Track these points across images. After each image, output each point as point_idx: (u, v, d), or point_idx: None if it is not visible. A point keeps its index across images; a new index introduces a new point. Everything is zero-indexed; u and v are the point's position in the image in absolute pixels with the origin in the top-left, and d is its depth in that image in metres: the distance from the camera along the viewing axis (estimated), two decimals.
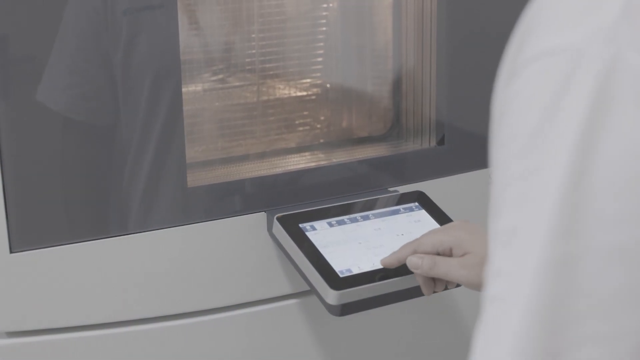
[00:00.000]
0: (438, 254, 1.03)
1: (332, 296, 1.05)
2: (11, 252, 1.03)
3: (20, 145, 1.02)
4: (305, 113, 1.29)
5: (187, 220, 1.10)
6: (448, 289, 1.07)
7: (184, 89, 1.11)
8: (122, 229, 1.07)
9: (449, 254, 1.02)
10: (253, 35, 1.22)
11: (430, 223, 1.16)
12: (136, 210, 1.08)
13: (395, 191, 1.22)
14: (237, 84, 1.24)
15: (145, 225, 1.08)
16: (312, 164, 1.22)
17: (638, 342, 0.47)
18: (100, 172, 1.06)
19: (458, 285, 1.07)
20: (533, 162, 0.50)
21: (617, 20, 0.49)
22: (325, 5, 1.29)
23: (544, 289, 0.48)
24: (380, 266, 1.08)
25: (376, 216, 1.16)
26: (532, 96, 0.50)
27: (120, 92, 1.04)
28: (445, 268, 1.01)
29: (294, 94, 1.28)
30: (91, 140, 1.05)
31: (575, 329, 0.48)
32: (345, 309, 1.07)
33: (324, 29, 1.29)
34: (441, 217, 1.17)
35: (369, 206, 1.17)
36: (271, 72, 1.26)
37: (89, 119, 1.05)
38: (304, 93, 1.29)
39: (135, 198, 1.07)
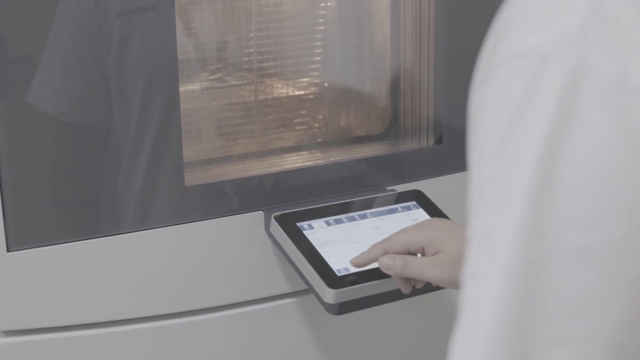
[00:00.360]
0: (410, 253, 1.01)
1: (330, 295, 1.05)
2: (8, 250, 1.03)
3: (17, 145, 1.02)
4: (303, 112, 1.29)
5: (185, 219, 1.10)
6: (430, 291, 1.07)
7: (181, 88, 1.10)
8: (119, 228, 1.07)
9: (421, 252, 1.00)
10: (251, 34, 1.22)
11: None
12: (133, 209, 1.08)
13: (393, 190, 1.22)
14: (234, 83, 1.24)
15: (142, 224, 1.08)
16: (310, 163, 1.22)
17: (607, 342, 0.48)
18: (98, 172, 1.06)
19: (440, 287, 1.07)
20: (503, 165, 0.50)
21: (583, 23, 0.49)
22: (323, 5, 1.28)
23: (513, 291, 0.49)
24: (378, 265, 1.08)
25: (374, 215, 1.16)
26: (502, 98, 0.51)
27: (114, 93, 1.04)
28: (418, 268, 0.99)
29: (291, 93, 1.28)
30: (88, 141, 1.05)
31: (544, 330, 0.48)
32: (342, 308, 1.07)
33: (322, 28, 1.29)
34: (439, 216, 1.17)
35: (367, 205, 1.17)
36: (269, 71, 1.26)
37: (83, 121, 1.04)
38: (302, 92, 1.29)
39: (133, 197, 1.07)
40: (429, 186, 1.22)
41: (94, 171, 1.06)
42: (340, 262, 1.08)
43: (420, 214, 1.17)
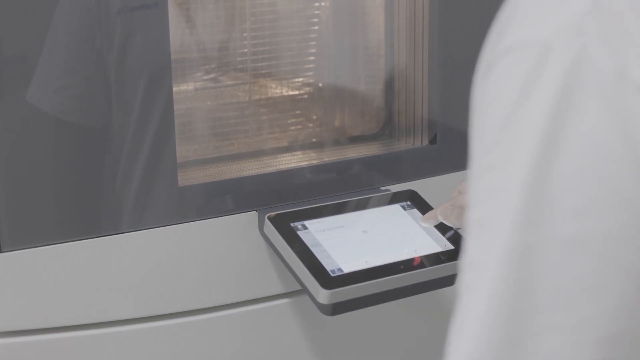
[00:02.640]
0: None
1: (324, 295, 1.05)
2: (1, 251, 1.03)
3: (11, 144, 1.01)
4: (298, 112, 1.29)
5: (178, 219, 1.10)
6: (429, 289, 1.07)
7: (175, 88, 1.10)
8: (112, 228, 1.07)
9: None
10: (245, 34, 1.22)
11: None
12: (127, 210, 1.07)
13: (388, 190, 1.21)
14: (229, 83, 1.24)
15: (136, 224, 1.08)
16: (304, 163, 1.22)
17: (600, 331, 0.48)
18: (92, 172, 1.06)
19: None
20: (501, 155, 0.51)
21: (584, 16, 0.49)
22: (317, 4, 1.28)
23: (507, 279, 0.49)
24: (372, 265, 1.08)
25: (368, 215, 1.16)
26: (502, 89, 0.51)
27: (113, 92, 1.04)
28: None
29: (286, 93, 1.28)
30: (83, 140, 1.05)
31: (537, 318, 0.49)
32: (336, 308, 1.07)
33: (316, 28, 1.29)
34: None
35: (361, 205, 1.17)
36: (263, 71, 1.25)
37: (81, 120, 1.04)
38: (296, 92, 1.29)
39: (127, 197, 1.07)
40: (423, 186, 1.22)
41: (89, 171, 1.06)
42: (334, 262, 1.08)
43: (415, 214, 1.17)
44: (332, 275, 1.06)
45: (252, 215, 1.14)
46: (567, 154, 0.48)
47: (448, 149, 1.26)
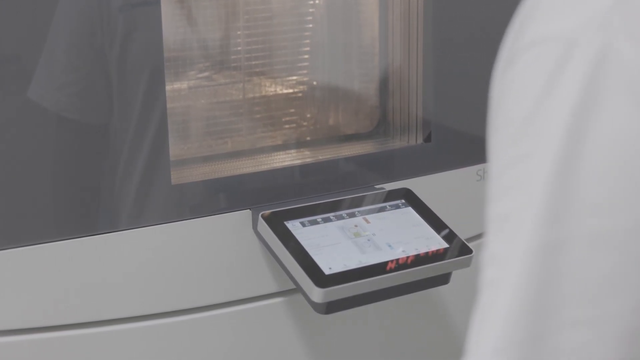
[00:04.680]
0: None
1: (318, 294, 1.04)
2: None
3: (4, 143, 1.01)
4: (292, 110, 1.29)
5: (172, 218, 1.10)
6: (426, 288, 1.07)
7: (169, 87, 1.10)
8: (105, 227, 1.07)
9: None
10: (239, 32, 1.22)
11: (417, 220, 1.16)
12: (120, 208, 1.07)
13: (382, 188, 1.21)
14: (222, 81, 1.24)
15: (129, 223, 1.07)
16: (298, 162, 1.22)
17: (623, 326, 0.48)
18: (85, 171, 1.05)
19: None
20: (525, 148, 0.51)
21: (609, 9, 0.49)
22: (311, 2, 1.28)
23: (532, 273, 0.49)
24: (366, 264, 1.08)
25: (362, 213, 1.16)
26: (526, 83, 0.51)
27: (113, 89, 1.04)
28: None
29: (280, 92, 1.28)
30: (81, 138, 1.05)
31: (561, 313, 0.49)
32: (331, 307, 1.07)
33: (310, 26, 1.28)
34: (428, 214, 1.17)
35: (356, 203, 1.17)
36: (257, 70, 1.25)
37: (81, 117, 1.04)
38: (290, 90, 1.29)
39: (119, 196, 1.07)
40: (417, 184, 1.22)
41: (83, 170, 1.05)
42: (329, 261, 1.07)
43: (409, 212, 1.17)
44: (326, 273, 1.06)
45: (246, 214, 1.14)
46: (593, 149, 0.49)
47: (443, 147, 1.26)
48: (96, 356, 1.10)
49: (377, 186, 1.22)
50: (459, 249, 1.13)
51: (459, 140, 1.28)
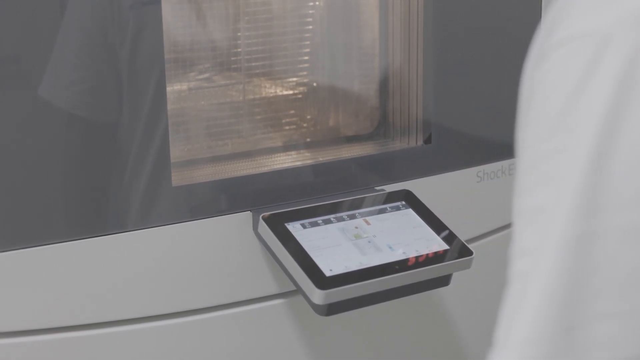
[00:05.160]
0: None
1: (318, 295, 1.04)
2: None
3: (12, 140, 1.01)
4: (292, 112, 1.28)
5: (172, 219, 1.10)
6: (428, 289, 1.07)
7: (169, 88, 1.10)
8: (105, 229, 1.06)
9: None
10: (239, 34, 1.22)
11: (417, 222, 1.16)
12: (119, 210, 1.07)
13: (382, 190, 1.21)
14: (222, 82, 1.24)
15: (128, 225, 1.07)
16: (299, 163, 1.22)
17: None
18: (84, 172, 1.05)
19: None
20: (558, 143, 0.52)
21: None
22: (311, 4, 1.28)
23: (564, 265, 0.50)
24: (366, 265, 1.08)
25: (363, 215, 1.16)
26: (559, 78, 0.52)
27: (124, 87, 1.04)
28: None
29: (280, 93, 1.28)
30: (88, 137, 1.05)
31: (592, 305, 0.50)
32: (331, 309, 1.07)
33: (310, 27, 1.28)
34: (428, 216, 1.17)
35: (356, 205, 1.17)
36: (257, 71, 1.25)
37: (91, 115, 1.04)
38: (291, 92, 1.29)
39: (119, 197, 1.07)
40: (418, 186, 1.22)
41: (81, 171, 1.05)
42: (329, 262, 1.07)
43: (410, 214, 1.17)
44: (327, 275, 1.06)
45: (246, 216, 1.14)
46: (625, 144, 0.49)
47: (443, 148, 1.26)
48: (97, 357, 1.09)
49: (377, 188, 1.22)
50: (459, 250, 1.13)
51: (459, 141, 1.28)
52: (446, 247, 1.13)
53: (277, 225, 1.11)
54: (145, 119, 1.06)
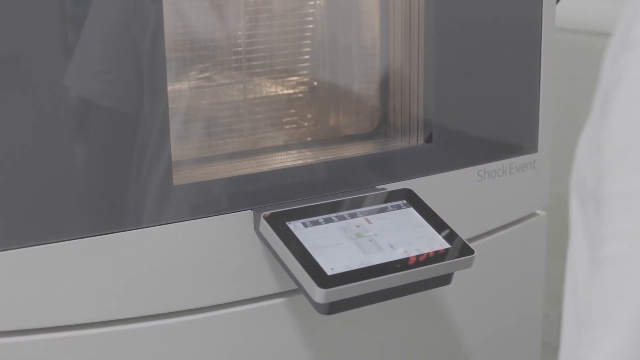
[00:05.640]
0: None
1: (320, 294, 1.04)
2: None
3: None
4: (293, 111, 1.28)
5: (173, 218, 1.09)
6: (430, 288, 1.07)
7: (169, 87, 1.10)
8: (104, 228, 1.06)
9: None
10: (239, 33, 1.22)
11: (418, 221, 1.16)
12: (120, 209, 1.07)
13: (383, 189, 1.21)
14: (223, 81, 1.24)
15: (129, 223, 1.07)
16: (299, 162, 1.22)
17: None
18: (84, 170, 1.05)
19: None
20: None
21: None
22: (312, 3, 1.28)
23: None
24: (368, 264, 1.08)
25: (364, 214, 1.16)
26: None
27: (145, 80, 1.04)
28: None
29: (280, 92, 1.28)
30: (111, 127, 1.05)
31: None
32: (333, 308, 1.07)
33: (311, 26, 1.28)
34: (429, 215, 1.17)
35: (357, 204, 1.17)
36: (258, 70, 1.25)
37: (114, 105, 1.04)
38: (291, 91, 1.29)
39: (120, 196, 1.07)
40: (419, 185, 1.22)
41: (80, 169, 1.05)
42: (331, 261, 1.07)
43: (411, 213, 1.17)
44: (329, 274, 1.06)
45: (248, 214, 1.14)
46: None
47: (444, 147, 1.26)
48: (97, 357, 1.09)
49: (378, 187, 1.22)
50: (461, 249, 1.13)
51: (460, 140, 1.28)
52: (447, 246, 1.13)
53: (279, 224, 1.11)
54: (144, 118, 1.06)
